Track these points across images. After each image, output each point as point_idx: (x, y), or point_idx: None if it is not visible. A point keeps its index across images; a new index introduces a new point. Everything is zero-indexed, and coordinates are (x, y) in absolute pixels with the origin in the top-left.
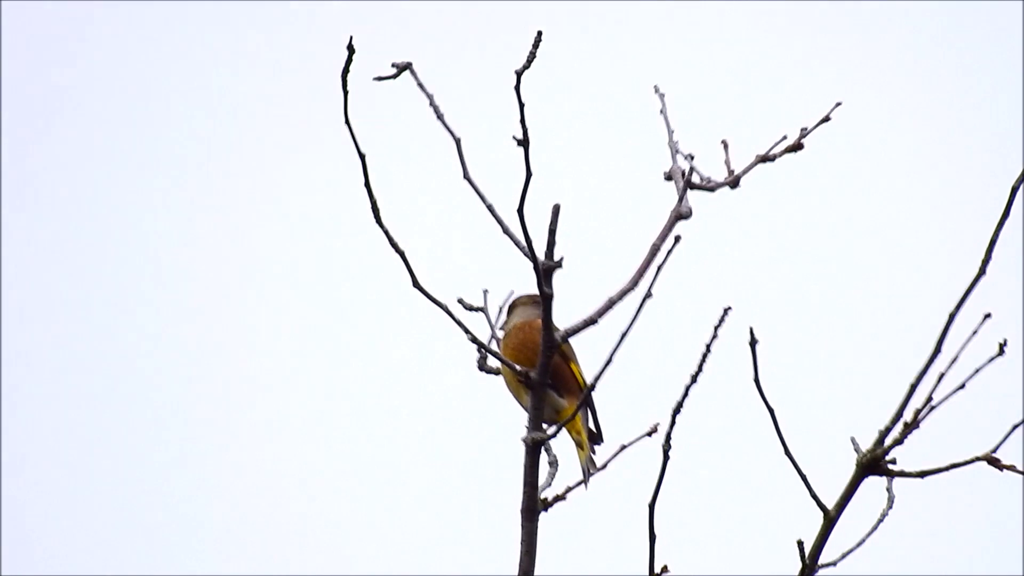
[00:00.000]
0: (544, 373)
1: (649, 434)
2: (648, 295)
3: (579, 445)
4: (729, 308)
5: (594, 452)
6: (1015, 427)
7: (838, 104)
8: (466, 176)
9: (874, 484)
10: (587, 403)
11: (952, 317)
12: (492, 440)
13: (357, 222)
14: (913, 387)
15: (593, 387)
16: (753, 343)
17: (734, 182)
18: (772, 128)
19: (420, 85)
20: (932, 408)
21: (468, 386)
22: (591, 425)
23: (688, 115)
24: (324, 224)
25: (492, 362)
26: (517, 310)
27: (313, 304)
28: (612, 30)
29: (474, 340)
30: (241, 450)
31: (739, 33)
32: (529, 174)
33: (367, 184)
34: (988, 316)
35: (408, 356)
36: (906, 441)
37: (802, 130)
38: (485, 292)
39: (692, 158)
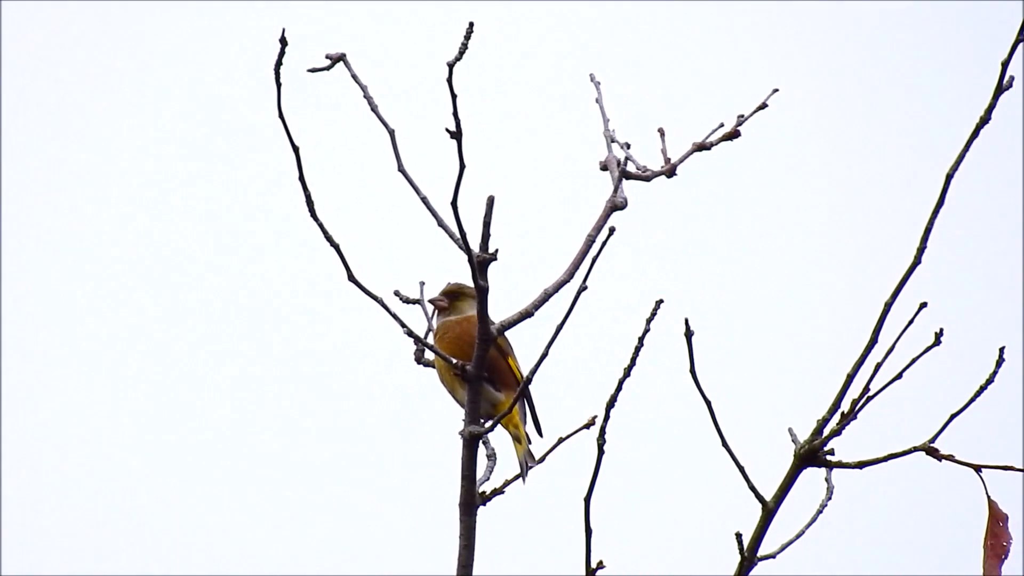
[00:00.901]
0: (480, 366)
1: (587, 427)
2: (583, 287)
3: (516, 439)
4: (661, 301)
5: (531, 443)
6: (952, 417)
7: (775, 91)
8: (400, 168)
9: (812, 475)
10: (524, 397)
11: (888, 306)
12: (429, 434)
13: (291, 215)
14: (850, 377)
15: (529, 380)
16: (689, 334)
17: (670, 171)
18: (709, 116)
19: (354, 76)
20: (869, 398)
21: (405, 380)
22: (529, 421)
23: (624, 103)
24: (258, 218)
25: (429, 355)
26: (465, 300)
27: (248, 299)
28: (546, 18)
29: (410, 333)
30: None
31: (675, 20)
32: (462, 166)
33: (301, 177)
34: (924, 305)
35: (344, 350)
36: (844, 432)
37: (739, 117)
38: (421, 284)
39: (628, 147)
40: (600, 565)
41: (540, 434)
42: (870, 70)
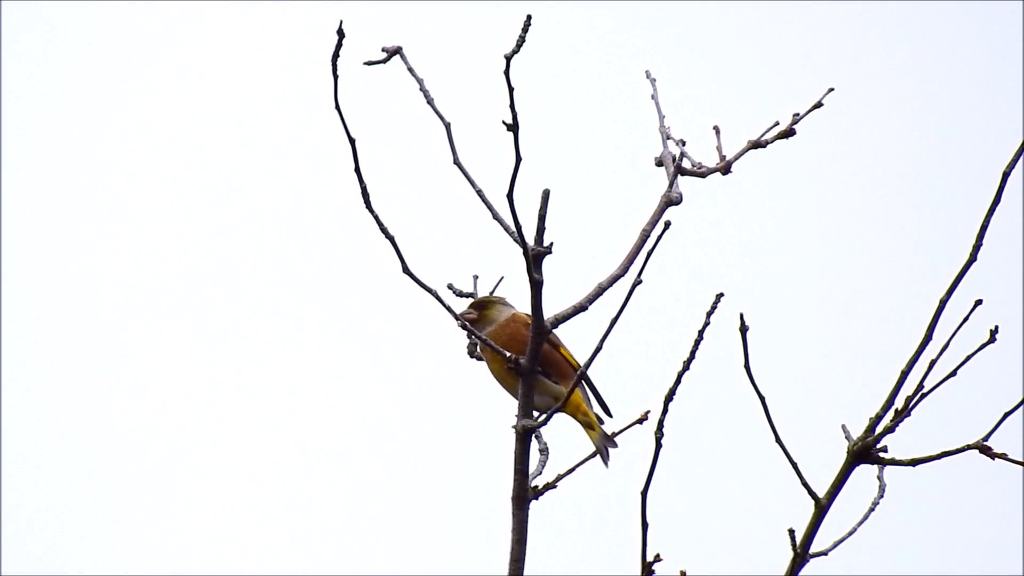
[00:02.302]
0: (534, 360)
1: (640, 421)
2: (638, 281)
3: (588, 426)
4: (721, 294)
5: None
6: (1006, 415)
7: (830, 90)
8: (456, 161)
9: (865, 472)
10: (586, 386)
11: (943, 303)
12: (482, 428)
13: (347, 208)
14: (904, 374)
15: (585, 370)
16: (744, 329)
17: (725, 168)
18: (764, 114)
19: (410, 70)
20: (923, 395)
21: (458, 373)
22: (595, 406)
23: (680, 100)
24: (313, 209)
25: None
26: (495, 308)
27: (302, 290)
28: (604, 14)
29: (464, 326)
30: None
31: (732, 19)
32: (519, 159)
33: (357, 169)
34: (979, 303)
35: (397, 343)
36: (897, 429)
37: (794, 116)
38: (475, 278)
39: (683, 144)
40: (657, 558)
41: (610, 415)
42: (927, 68)
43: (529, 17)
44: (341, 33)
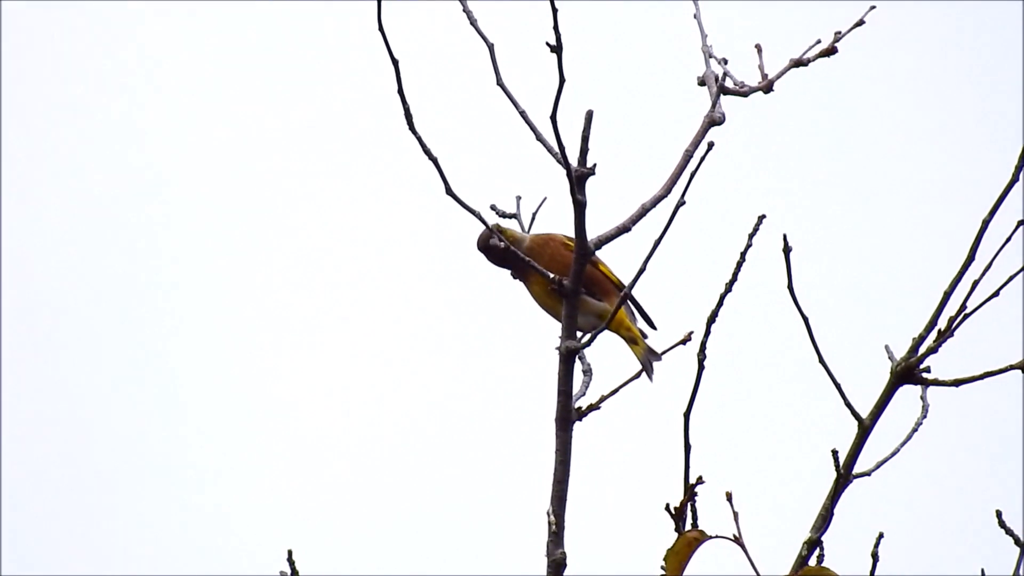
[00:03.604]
0: (578, 281)
1: (684, 342)
2: (681, 202)
3: (632, 341)
4: (764, 216)
5: (647, 338)
6: None
7: (872, 8)
8: (499, 82)
9: (909, 393)
10: (629, 303)
11: (986, 224)
12: (526, 349)
13: (390, 129)
14: (947, 295)
15: (630, 289)
16: (787, 250)
17: (767, 87)
18: (806, 32)
19: None
20: (966, 316)
21: (501, 294)
22: (640, 321)
23: (722, 19)
24: (356, 131)
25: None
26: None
27: (347, 212)
28: None
29: (507, 248)
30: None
31: None
32: (562, 80)
33: (400, 91)
34: (1022, 223)
35: (441, 265)
36: (940, 350)
37: (836, 34)
38: (518, 199)
39: (726, 63)
40: (700, 480)
41: (654, 328)
42: None
43: None
44: None
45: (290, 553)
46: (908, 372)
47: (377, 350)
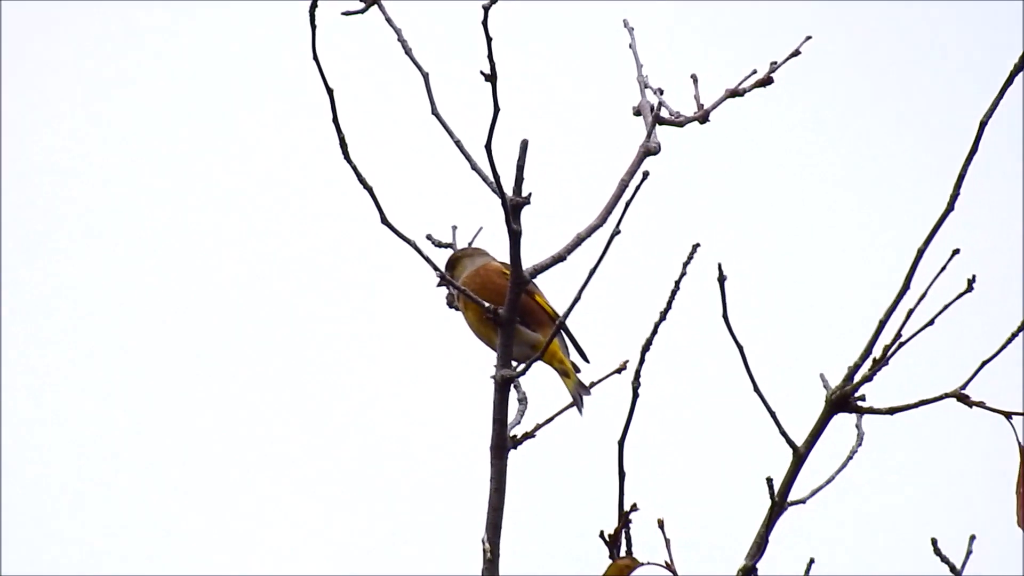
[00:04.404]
0: (513, 310)
1: (619, 371)
2: (616, 231)
3: (564, 374)
4: (698, 244)
5: (579, 373)
6: (984, 364)
7: (808, 38)
8: (434, 112)
9: (844, 421)
10: (563, 333)
11: (921, 253)
12: (461, 378)
13: (325, 158)
14: (882, 323)
15: (564, 320)
16: (722, 279)
17: (703, 117)
18: (742, 63)
19: (388, 20)
20: (901, 344)
21: (436, 323)
22: (574, 352)
23: (657, 49)
24: (290, 160)
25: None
26: (463, 262)
27: (278, 242)
28: None
29: (443, 277)
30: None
31: None
32: (497, 109)
33: (335, 120)
34: (957, 252)
35: (376, 293)
36: (875, 378)
37: (772, 64)
38: (454, 228)
39: (661, 92)
40: (634, 507)
41: (587, 360)
42: (904, 17)
43: None
44: None
45: None
46: (843, 400)
47: (309, 376)
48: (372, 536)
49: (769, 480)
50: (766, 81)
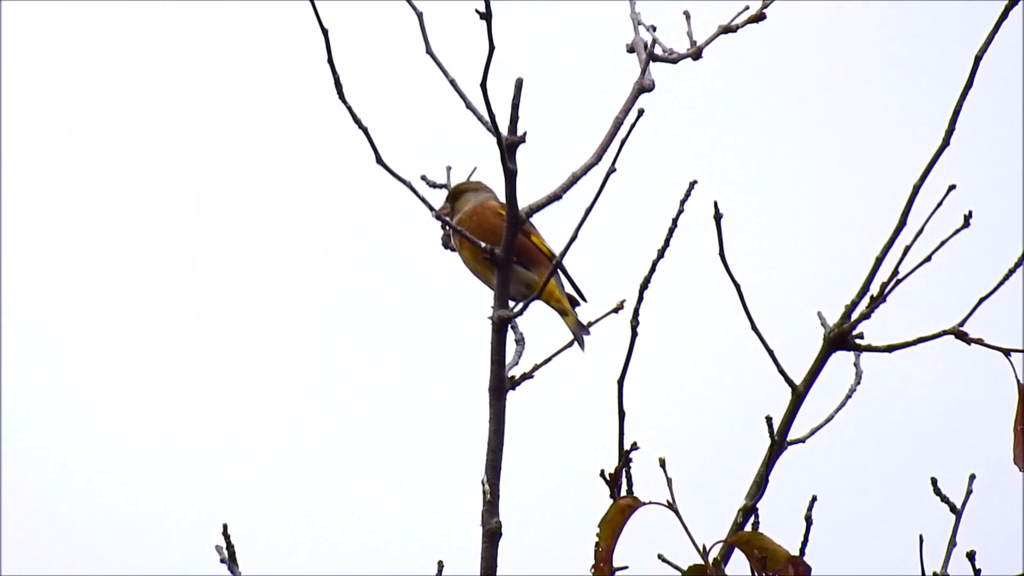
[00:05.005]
0: (509, 250)
1: (616, 310)
2: (612, 169)
3: (562, 312)
4: (695, 182)
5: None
6: (982, 300)
7: None
8: (428, 51)
9: (842, 359)
10: (559, 272)
11: (917, 189)
12: (458, 319)
13: (320, 99)
14: (879, 260)
15: (560, 259)
16: (718, 217)
17: (697, 54)
18: None
19: None
20: (898, 281)
21: (433, 264)
22: (571, 291)
23: None
24: (285, 101)
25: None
26: (466, 196)
27: (274, 183)
28: None
29: (438, 217)
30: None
31: None
32: (492, 48)
33: (330, 60)
34: (953, 187)
35: (371, 234)
36: (873, 315)
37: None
38: (448, 169)
39: (654, 30)
40: (634, 446)
41: (584, 300)
42: None
43: None
44: None
45: (225, 527)
46: (841, 338)
47: (308, 319)
48: (374, 478)
49: (768, 419)
50: (759, 17)
